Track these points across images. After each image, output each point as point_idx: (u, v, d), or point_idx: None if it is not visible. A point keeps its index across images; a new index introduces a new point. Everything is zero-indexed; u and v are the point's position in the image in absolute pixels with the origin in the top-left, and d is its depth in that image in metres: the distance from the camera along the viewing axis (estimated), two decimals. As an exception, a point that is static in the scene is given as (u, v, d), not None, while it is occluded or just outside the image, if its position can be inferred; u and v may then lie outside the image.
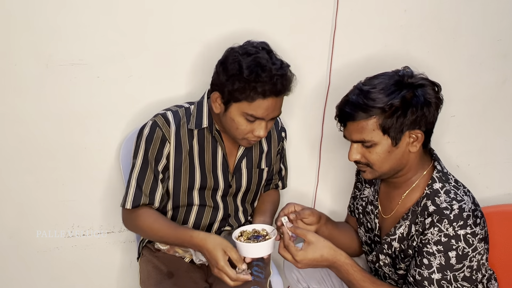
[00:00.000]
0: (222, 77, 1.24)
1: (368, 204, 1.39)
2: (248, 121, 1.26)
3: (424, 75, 1.18)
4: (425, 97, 1.13)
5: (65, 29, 1.42)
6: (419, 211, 1.19)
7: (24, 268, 1.69)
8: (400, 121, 1.12)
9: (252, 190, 1.50)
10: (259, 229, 1.34)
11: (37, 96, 1.48)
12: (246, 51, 1.24)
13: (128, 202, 1.34)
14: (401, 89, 1.13)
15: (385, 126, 1.12)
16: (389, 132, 1.13)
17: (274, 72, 1.20)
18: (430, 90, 1.14)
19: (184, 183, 1.39)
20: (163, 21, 1.49)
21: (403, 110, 1.11)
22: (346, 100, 1.19)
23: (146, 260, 1.45)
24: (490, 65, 1.81)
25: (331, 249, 1.19)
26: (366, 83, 1.18)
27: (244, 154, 1.45)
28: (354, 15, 1.62)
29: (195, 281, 1.37)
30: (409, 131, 1.14)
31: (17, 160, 1.54)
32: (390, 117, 1.11)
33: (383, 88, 1.13)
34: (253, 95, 1.21)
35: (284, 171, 1.63)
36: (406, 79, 1.15)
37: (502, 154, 1.99)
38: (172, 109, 1.40)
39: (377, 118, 1.12)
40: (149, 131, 1.34)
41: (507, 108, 1.91)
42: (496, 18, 1.74)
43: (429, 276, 1.14)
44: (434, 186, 1.19)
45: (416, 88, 1.14)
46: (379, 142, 1.15)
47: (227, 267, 1.18)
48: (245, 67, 1.20)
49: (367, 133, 1.14)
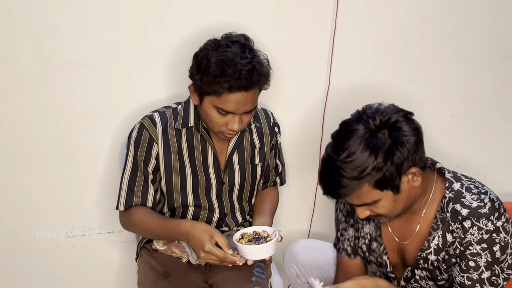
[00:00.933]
0: (194, 70, 1.27)
1: (372, 241, 1.31)
2: (220, 114, 1.27)
3: (389, 106, 1.11)
4: (403, 138, 1.05)
5: (65, 29, 1.42)
6: (450, 217, 1.15)
7: (24, 268, 1.69)
8: (391, 173, 1.05)
9: (248, 187, 1.50)
10: (260, 231, 1.34)
11: (37, 96, 1.48)
12: (218, 45, 1.25)
13: (121, 205, 1.37)
14: (376, 140, 1.05)
15: (380, 184, 1.07)
16: (386, 187, 1.07)
17: (239, 68, 1.19)
18: (405, 126, 1.06)
19: (176, 183, 1.40)
20: (163, 21, 1.49)
21: (390, 162, 1.04)
22: (328, 180, 1.11)
23: (143, 260, 1.45)
24: (489, 65, 1.81)
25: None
26: (337, 152, 1.08)
27: (235, 149, 1.44)
28: (354, 15, 1.62)
29: (191, 281, 1.37)
30: (405, 174, 1.08)
31: (17, 160, 1.54)
32: (380, 175, 1.05)
33: (360, 152, 1.04)
34: (218, 89, 1.21)
35: (281, 167, 1.62)
36: (374, 124, 1.07)
37: (502, 154, 1.99)
38: (160, 110, 1.41)
39: (368, 182, 1.06)
40: (136, 134, 1.36)
41: (506, 108, 1.91)
42: (496, 18, 1.74)
43: (479, 277, 1.13)
44: (453, 187, 1.16)
45: (391, 130, 1.06)
46: (381, 198, 1.10)
47: (214, 248, 1.20)
48: (212, 61, 1.21)
49: (366, 197, 1.09)
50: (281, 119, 1.64)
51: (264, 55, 1.29)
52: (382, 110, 1.09)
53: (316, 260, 1.53)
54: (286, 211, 1.83)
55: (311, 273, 1.52)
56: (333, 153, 1.09)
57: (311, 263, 1.52)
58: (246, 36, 1.30)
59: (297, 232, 1.92)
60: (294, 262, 1.54)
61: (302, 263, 1.53)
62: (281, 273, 1.61)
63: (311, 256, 1.53)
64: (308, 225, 1.91)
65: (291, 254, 1.56)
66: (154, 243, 1.43)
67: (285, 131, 1.67)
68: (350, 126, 1.10)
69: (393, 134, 1.05)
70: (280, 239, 1.29)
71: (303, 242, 1.61)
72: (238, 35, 1.29)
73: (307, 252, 1.55)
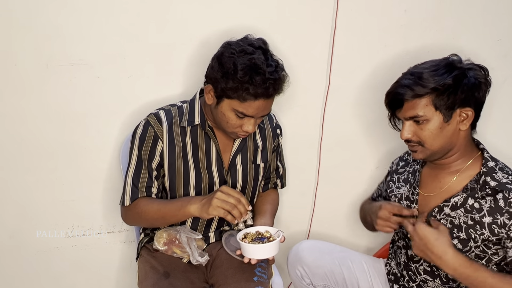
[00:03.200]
0: (216, 73, 1.26)
1: (402, 200, 1.42)
2: (238, 117, 1.29)
3: (471, 61, 1.26)
4: (475, 77, 1.21)
5: (65, 29, 1.42)
6: (479, 188, 1.24)
7: (24, 268, 1.69)
8: (451, 99, 1.19)
9: (250, 187, 1.50)
10: (263, 231, 1.35)
11: (38, 96, 1.48)
12: (242, 49, 1.25)
13: (126, 200, 1.37)
14: (451, 70, 1.21)
15: (437, 102, 1.19)
16: (441, 109, 1.20)
17: (267, 76, 1.22)
18: (479, 73, 1.22)
19: (179, 180, 1.40)
20: (163, 21, 1.49)
21: (455, 88, 1.19)
22: (398, 84, 1.26)
23: (144, 260, 1.45)
24: (490, 65, 1.80)
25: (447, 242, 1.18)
26: (417, 67, 1.26)
27: (239, 150, 1.45)
28: (354, 15, 1.62)
29: (192, 281, 1.37)
30: (460, 109, 1.21)
31: (17, 160, 1.54)
32: (442, 94, 1.19)
33: (435, 70, 1.21)
34: (245, 95, 1.23)
35: (281, 169, 1.63)
36: (455, 64, 1.23)
37: (502, 154, 1.99)
38: (165, 108, 1.42)
39: (430, 95, 1.20)
40: (142, 131, 1.37)
41: (507, 108, 1.91)
42: (496, 18, 1.74)
43: None
44: (488, 164, 1.26)
45: (466, 71, 1.21)
46: (431, 118, 1.21)
47: (231, 189, 1.26)
48: (240, 67, 1.22)
49: (420, 108, 1.21)
50: (281, 119, 1.64)
51: (280, 60, 1.31)
52: (463, 60, 1.26)
53: (322, 261, 1.53)
54: (286, 211, 1.83)
55: (316, 274, 1.53)
56: (412, 68, 1.27)
57: (317, 264, 1.53)
58: (264, 40, 1.31)
59: (297, 232, 1.93)
60: (299, 263, 1.55)
61: (307, 264, 1.53)
62: (281, 274, 1.61)
63: (316, 258, 1.54)
64: (308, 225, 1.92)
65: (296, 255, 1.56)
66: (155, 243, 1.43)
67: (285, 131, 1.67)
68: (435, 59, 1.26)
69: (468, 73, 1.21)
70: (283, 239, 1.31)
71: (308, 243, 1.61)
72: (256, 39, 1.31)
73: (312, 253, 1.55)
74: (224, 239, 1.44)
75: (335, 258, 1.53)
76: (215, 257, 1.46)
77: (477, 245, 1.24)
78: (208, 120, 1.40)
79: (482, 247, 1.24)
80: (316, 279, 1.54)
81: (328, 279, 1.53)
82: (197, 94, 1.43)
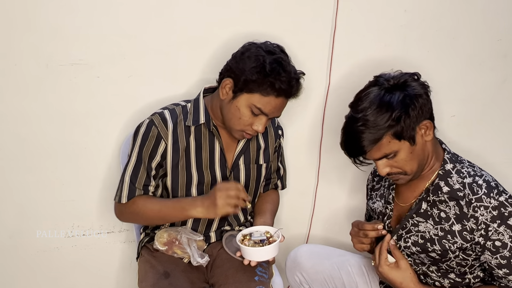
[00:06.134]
0: (242, 66, 1.28)
1: (380, 215, 1.43)
2: (253, 114, 1.30)
3: (398, 71, 1.25)
4: (414, 90, 1.19)
5: (65, 29, 1.42)
6: (431, 191, 1.27)
7: (24, 268, 1.69)
8: (407, 123, 1.17)
9: (252, 187, 1.50)
10: (263, 231, 1.35)
11: (38, 96, 1.48)
12: (268, 49, 1.30)
13: (123, 198, 1.37)
14: (391, 97, 1.18)
15: (398, 134, 1.18)
16: (403, 137, 1.19)
17: (292, 75, 1.28)
18: (413, 83, 1.21)
19: (182, 180, 1.40)
20: (163, 21, 1.49)
21: (405, 112, 1.17)
22: (350, 136, 1.23)
23: (144, 260, 1.45)
24: (489, 65, 1.81)
25: (411, 283, 1.27)
26: (357, 111, 1.20)
27: (243, 150, 1.45)
28: (354, 15, 1.62)
29: (192, 281, 1.37)
30: (418, 126, 1.20)
31: (17, 160, 1.54)
32: (397, 125, 1.17)
33: (376, 105, 1.17)
34: (269, 90, 1.26)
35: (282, 170, 1.63)
36: (388, 85, 1.20)
37: (502, 154, 1.99)
38: (169, 108, 1.42)
39: (388, 133, 1.18)
40: (145, 130, 1.36)
41: (506, 108, 1.91)
42: (496, 18, 1.74)
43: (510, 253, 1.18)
44: (446, 166, 1.27)
45: (403, 88, 1.19)
46: (399, 149, 1.20)
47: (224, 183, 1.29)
48: (268, 62, 1.25)
49: (385, 147, 1.20)
50: (281, 119, 1.64)
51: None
52: (393, 75, 1.23)
53: (320, 266, 1.53)
54: (286, 212, 1.83)
55: (315, 280, 1.53)
56: (353, 113, 1.21)
57: (315, 270, 1.52)
58: (282, 48, 1.35)
59: (297, 233, 1.92)
60: (297, 269, 1.55)
61: (306, 270, 1.53)
62: (281, 274, 1.61)
63: (315, 263, 1.54)
64: (308, 226, 1.91)
65: (294, 261, 1.56)
66: (156, 242, 1.43)
67: (286, 131, 1.67)
68: (367, 89, 1.23)
69: (406, 90, 1.19)
70: (283, 239, 1.31)
71: (306, 248, 1.61)
72: (276, 45, 1.35)
73: (310, 259, 1.55)
74: (224, 239, 1.45)
75: (334, 263, 1.53)
76: (215, 257, 1.46)
77: (456, 255, 1.24)
78: (213, 119, 1.40)
79: (461, 255, 1.24)
80: (315, 285, 1.54)
81: (327, 284, 1.52)
82: (201, 93, 1.43)
